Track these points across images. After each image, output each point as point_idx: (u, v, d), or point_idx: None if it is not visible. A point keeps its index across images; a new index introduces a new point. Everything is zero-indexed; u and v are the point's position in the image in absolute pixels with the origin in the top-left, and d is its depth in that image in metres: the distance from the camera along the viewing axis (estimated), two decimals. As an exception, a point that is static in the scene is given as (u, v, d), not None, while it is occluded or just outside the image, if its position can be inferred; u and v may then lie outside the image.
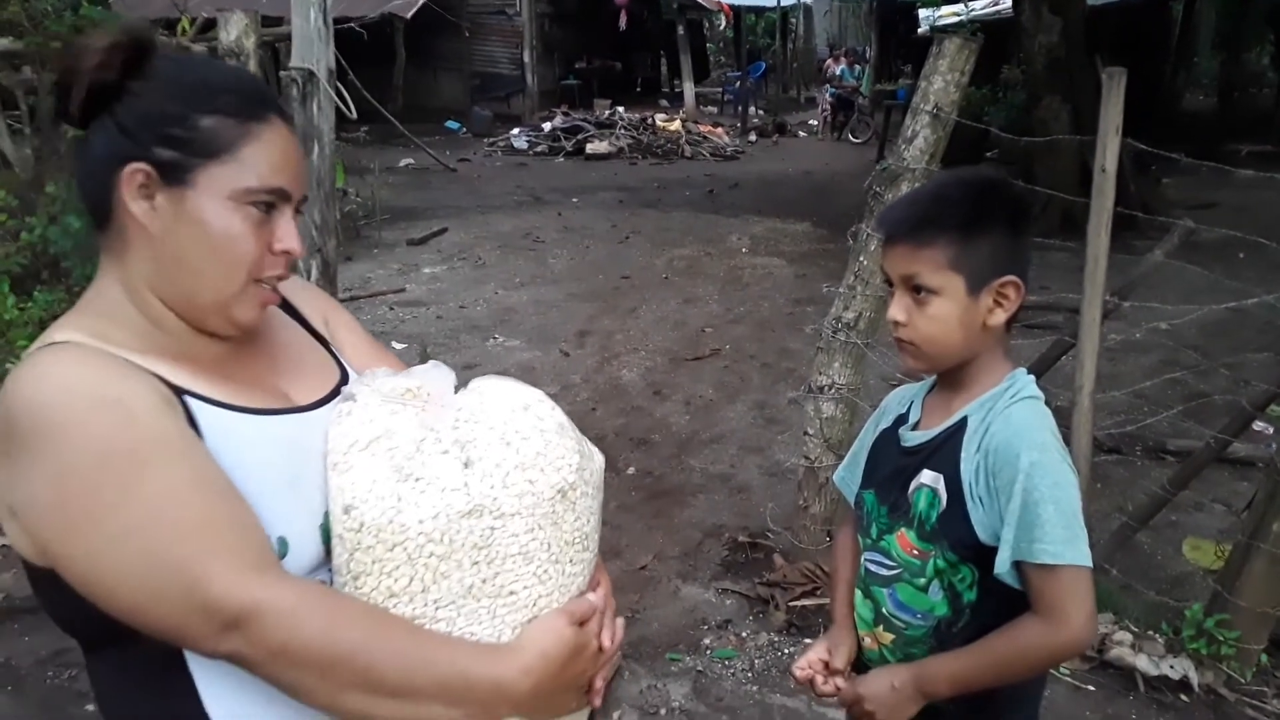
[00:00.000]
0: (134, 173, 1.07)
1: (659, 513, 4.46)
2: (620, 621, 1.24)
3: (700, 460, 5.04)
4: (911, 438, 1.58)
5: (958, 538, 1.47)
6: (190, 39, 6.47)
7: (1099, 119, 3.12)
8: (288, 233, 1.14)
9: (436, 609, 1.07)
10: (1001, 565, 1.40)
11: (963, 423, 1.50)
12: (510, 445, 1.11)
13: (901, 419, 1.64)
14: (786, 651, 3.39)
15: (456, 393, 1.21)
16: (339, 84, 3.56)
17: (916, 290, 1.48)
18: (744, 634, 3.50)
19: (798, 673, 1.68)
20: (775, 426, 5.45)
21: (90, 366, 1.04)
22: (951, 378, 1.56)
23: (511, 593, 1.09)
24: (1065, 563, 1.37)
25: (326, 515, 1.09)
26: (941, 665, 1.50)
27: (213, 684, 1.07)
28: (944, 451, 1.50)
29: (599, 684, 1.20)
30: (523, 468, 1.10)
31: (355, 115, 3.79)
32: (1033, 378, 1.53)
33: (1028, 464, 1.39)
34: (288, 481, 1.10)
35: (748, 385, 6.13)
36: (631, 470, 4.92)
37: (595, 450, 1.24)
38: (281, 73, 3.66)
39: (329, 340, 1.33)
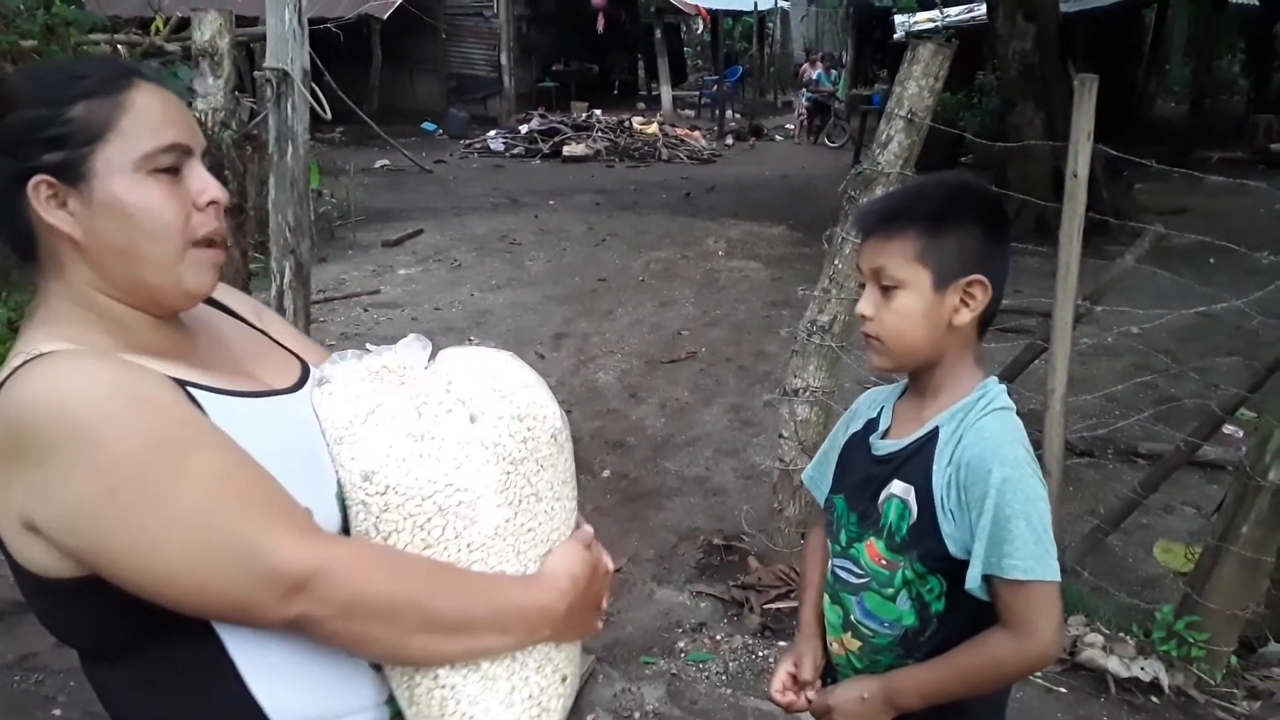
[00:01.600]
0: (37, 185, 1.07)
1: (634, 515, 4.46)
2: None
3: (676, 463, 5.05)
4: (882, 446, 1.57)
5: (927, 550, 1.47)
6: (164, 39, 6.41)
7: (1071, 125, 3.15)
8: (205, 183, 1.14)
9: (470, 552, 1.14)
10: (972, 581, 1.41)
11: (934, 433, 1.49)
12: (505, 399, 1.19)
13: (872, 423, 1.63)
14: (761, 654, 3.39)
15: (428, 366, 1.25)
16: (314, 85, 3.53)
17: (884, 284, 1.48)
18: (719, 637, 3.51)
19: (779, 698, 1.69)
20: (750, 429, 5.46)
21: (103, 365, 1.03)
22: (921, 382, 1.55)
23: (530, 530, 1.18)
24: (1035, 578, 1.37)
25: (339, 485, 1.13)
26: (911, 677, 1.50)
27: (257, 668, 1.08)
28: (915, 462, 1.50)
29: (605, 604, 1.29)
30: (520, 418, 1.19)
31: (330, 116, 3.77)
32: (1004, 387, 1.52)
33: (999, 480, 1.39)
34: (300, 457, 1.12)
35: (723, 388, 6.14)
36: (607, 473, 4.92)
37: None
38: (256, 73, 3.64)
39: (267, 334, 1.34)
